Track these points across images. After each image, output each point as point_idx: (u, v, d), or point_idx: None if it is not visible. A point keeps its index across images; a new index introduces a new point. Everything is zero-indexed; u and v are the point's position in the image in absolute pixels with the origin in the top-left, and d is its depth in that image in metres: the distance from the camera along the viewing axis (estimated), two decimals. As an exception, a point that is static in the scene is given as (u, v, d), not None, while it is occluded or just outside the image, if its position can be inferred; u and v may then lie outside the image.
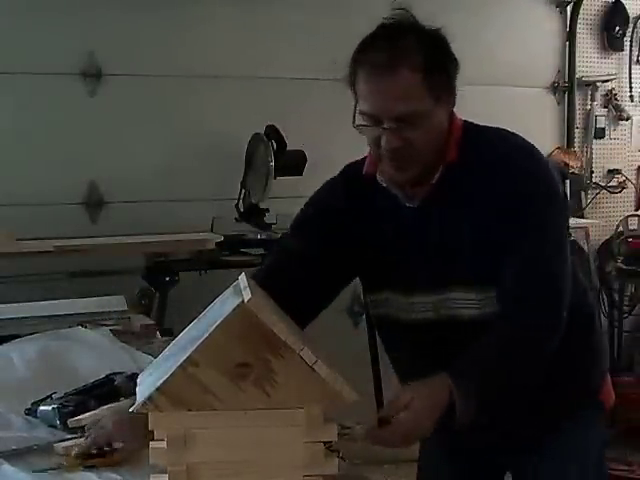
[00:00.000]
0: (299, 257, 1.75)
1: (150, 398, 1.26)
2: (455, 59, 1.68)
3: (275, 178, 3.95)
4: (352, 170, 1.80)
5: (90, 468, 1.59)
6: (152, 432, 1.30)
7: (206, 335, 1.25)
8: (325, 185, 1.84)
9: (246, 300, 1.24)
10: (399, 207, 1.70)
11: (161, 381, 1.26)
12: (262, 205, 4.03)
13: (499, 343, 1.59)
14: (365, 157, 1.77)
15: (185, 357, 1.25)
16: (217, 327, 1.24)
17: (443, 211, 1.65)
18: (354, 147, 4.72)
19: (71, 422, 1.75)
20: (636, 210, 5.11)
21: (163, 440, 1.28)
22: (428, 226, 1.67)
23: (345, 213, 1.75)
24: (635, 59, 5.17)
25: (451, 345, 1.60)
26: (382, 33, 1.66)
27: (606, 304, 4.93)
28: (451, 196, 1.65)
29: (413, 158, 1.60)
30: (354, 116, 1.64)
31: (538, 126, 4.76)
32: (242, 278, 1.39)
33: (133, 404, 1.33)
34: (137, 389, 1.36)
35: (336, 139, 4.41)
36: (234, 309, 1.24)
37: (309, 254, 1.74)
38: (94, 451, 1.59)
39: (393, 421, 1.45)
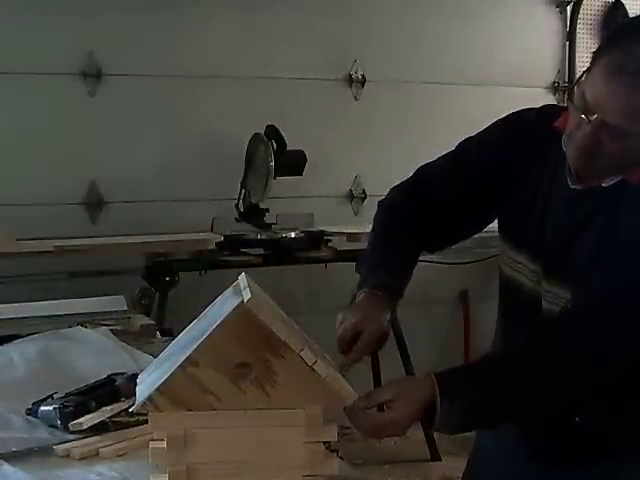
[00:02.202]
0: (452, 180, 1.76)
1: (150, 398, 1.26)
2: None
3: (275, 178, 3.95)
4: (548, 113, 1.71)
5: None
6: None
7: (206, 335, 1.25)
8: (519, 116, 1.75)
9: (246, 300, 1.24)
10: (560, 176, 1.62)
11: (161, 381, 1.26)
12: (262, 205, 4.04)
13: (513, 364, 1.53)
14: (566, 108, 1.66)
15: (185, 357, 1.25)
16: (217, 327, 1.24)
17: (592, 212, 1.59)
18: (354, 147, 4.72)
19: (72, 425, 1.75)
20: None
21: (163, 440, 1.28)
22: (572, 213, 1.61)
23: (520, 148, 1.69)
24: (635, 59, 5.17)
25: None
26: None
27: None
28: (609, 205, 1.57)
29: (596, 161, 1.53)
30: (575, 84, 1.56)
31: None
32: (242, 278, 1.39)
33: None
34: (137, 389, 1.36)
35: (336, 139, 4.43)
36: (234, 309, 1.24)
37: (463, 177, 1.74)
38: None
39: (370, 415, 1.44)
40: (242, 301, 1.24)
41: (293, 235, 4.02)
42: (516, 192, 1.70)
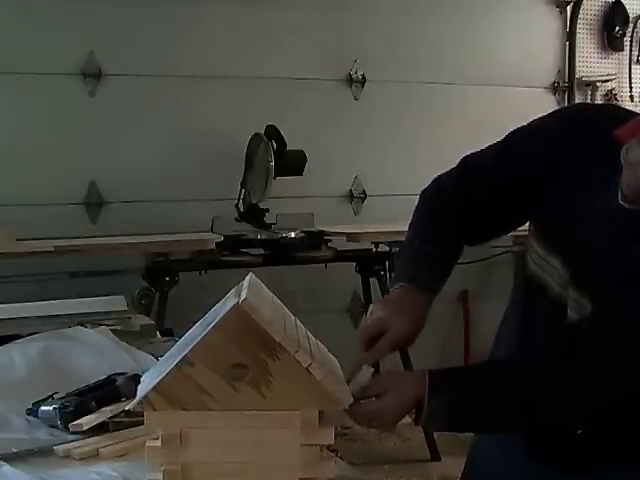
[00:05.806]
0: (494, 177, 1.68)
1: (146, 397, 1.27)
2: None
3: (275, 178, 3.95)
4: (609, 116, 1.62)
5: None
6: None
7: (202, 335, 1.25)
8: (575, 115, 1.68)
9: (241, 300, 1.24)
10: (610, 186, 1.54)
11: (157, 380, 1.27)
12: (262, 205, 4.04)
13: (510, 377, 1.50)
14: (634, 116, 1.57)
15: (181, 357, 1.26)
16: (213, 327, 1.25)
17: (637, 232, 1.50)
18: (353, 147, 4.72)
19: (72, 426, 1.75)
20: None
21: (158, 439, 1.28)
22: (615, 226, 1.53)
23: (571, 148, 1.59)
24: (635, 59, 5.17)
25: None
26: None
27: None
28: None
29: None
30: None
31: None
32: (247, 278, 1.39)
33: None
34: (138, 388, 1.36)
35: (336, 139, 4.43)
36: (229, 309, 1.24)
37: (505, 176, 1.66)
38: None
39: (362, 404, 1.42)
40: (238, 301, 1.24)
41: (293, 235, 4.02)
42: (559, 191, 1.62)
